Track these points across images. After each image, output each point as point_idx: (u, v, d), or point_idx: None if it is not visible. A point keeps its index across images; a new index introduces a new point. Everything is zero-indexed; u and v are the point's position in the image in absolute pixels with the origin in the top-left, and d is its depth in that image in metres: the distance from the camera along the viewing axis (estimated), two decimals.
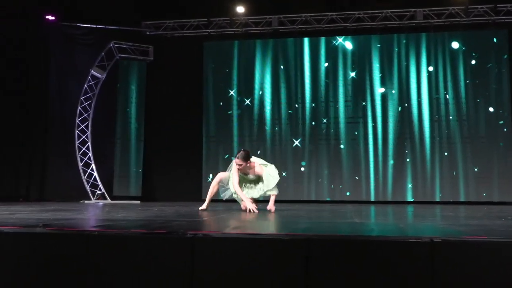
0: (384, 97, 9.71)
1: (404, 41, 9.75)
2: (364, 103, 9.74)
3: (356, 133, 9.71)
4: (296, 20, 10.19)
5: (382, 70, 9.76)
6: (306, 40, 10.04)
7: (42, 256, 2.91)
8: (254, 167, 5.79)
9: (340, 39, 9.90)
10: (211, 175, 9.82)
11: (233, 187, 5.81)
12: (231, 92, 10.11)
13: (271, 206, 5.78)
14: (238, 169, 5.73)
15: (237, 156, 5.73)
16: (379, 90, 9.72)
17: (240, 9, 10.13)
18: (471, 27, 9.71)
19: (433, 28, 9.78)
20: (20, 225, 3.47)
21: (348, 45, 9.87)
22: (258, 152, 9.87)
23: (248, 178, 5.94)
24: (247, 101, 10.06)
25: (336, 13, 10.01)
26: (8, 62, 9.86)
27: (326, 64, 9.91)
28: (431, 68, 9.63)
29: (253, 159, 5.88)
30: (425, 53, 9.68)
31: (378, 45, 9.81)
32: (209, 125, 10.04)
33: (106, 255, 2.83)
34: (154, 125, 10.25)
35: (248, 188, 6.02)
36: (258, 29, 10.35)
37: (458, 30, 9.68)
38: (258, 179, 5.92)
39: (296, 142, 9.82)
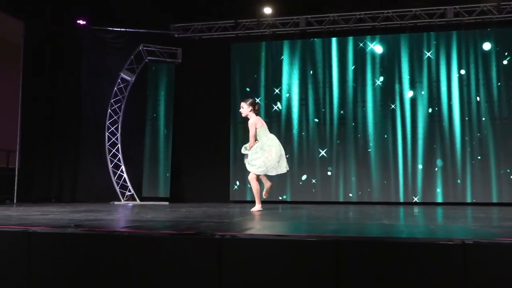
0: (413, 99, 9.52)
1: (435, 42, 9.55)
2: (393, 106, 9.58)
3: (385, 136, 9.57)
4: (324, 20, 10.12)
5: (411, 71, 9.58)
6: (334, 41, 9.94)
7: (73, 256, 2.96)
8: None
9: (371, 45, 9.75)
10: (237, 182, 9.82)
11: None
12: (259, 94, 10.10)
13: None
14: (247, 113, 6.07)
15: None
16: (408, 93, 9.52)
17: (268, 10, 10.12)
18: (504, 24, 9.47)
19: (464, 26, 9.57)
20: (53, 225, 3.54)
21: (378, 49, 9.74)
22: (287, 156, 9.83)
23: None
24: (274, 106, 10.00)
25: (364, 12, 9.90)
26: (43, 66, 10.13)
27: (354, 66, 9.80)
28: (462, 71, 9.40)
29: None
30: (455, 53, 9.45)
31: (407, 45, 9.63)
32: (237, 128, 10.03)
33: (135, 256, 2.86)
34: (182, 127, 10.34)
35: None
36: (285, 29, 10.32)
37: (490, 28, 9.44)
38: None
39: (323, 152, 9.75)
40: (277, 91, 10.04)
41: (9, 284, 3.02)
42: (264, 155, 5.85)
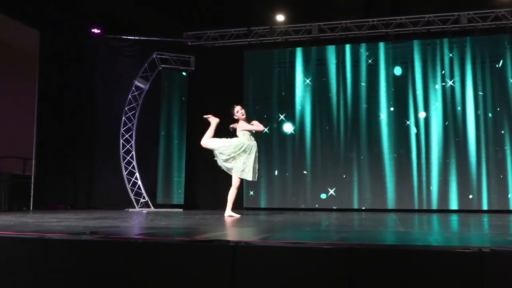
0: (428, 106, 9.45)
1: (447, 50, 9.50)
2: (407, 111, 9.52)
3: (399, 142, 9.50)
4: (336, 27, 10.13)
5: (425, 76, 9.53)
6: (347, 47, 9.94)
7: (89, 263, 2.98)
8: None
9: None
10: (251, 192, 9.80)
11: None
12: (271, 101, 10.11)
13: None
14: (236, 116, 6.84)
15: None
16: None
17: (280, 17, 10.16)
18: None
19: (478, 31, 9.51)
20: (68, 232, 3.57)
21: (392, 55, 9.71)
22: (304, 159, 9.83)
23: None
24: (287, 113, 10.02)
25: (377, 19, 9.89)
26: (58, 75, 10.26)
27: (367, 73, 9.77)
28: (478, 80, 9.32)
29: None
30: (469, 59, 9.40)
31: (421, 51, 9.59)
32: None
33: (149, 262, 2.87)
34: (196, 134, 10.31)
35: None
36: (298, 37, 10.34)
37: (505, 33, 9.37)
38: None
39: (336, 159, 9.72)
40: (289, 97, 10.04)
41: None
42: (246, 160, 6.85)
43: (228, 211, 6.63)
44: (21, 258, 3.11)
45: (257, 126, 6.72)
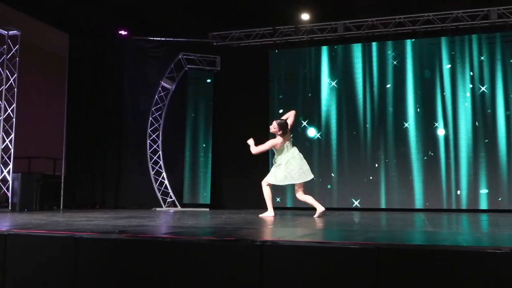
0: (457, 104, 9.28)
1: (476, 47, 9.30)
2: (437, 110, 9.38)
3: (427, 143, 9.36)
4: (362, 25, 10.04)
5: (453, 75, 9.34)
6: (374, 46, 9.81)
7: (118, 261, 3.04)
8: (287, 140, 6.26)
9: (410, 49, 9.58)
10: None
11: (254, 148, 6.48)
12: (297, 100, 10.07)
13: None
14: (276, 132, 6.25)
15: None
16: (451, 101, 9.29)
17: (305, 16, 10.12)
18: None
19: (508, 27, 9.30)
20: (98, 231, 3.63)
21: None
22: (331, 161, 9.78)
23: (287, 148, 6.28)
24: (313, 113, 9.95)
25: (404, 16, 9.76)
26: (86, 76, 10.48)
27: (394, 72, 9.64)
28: (507, 74, 9.11)
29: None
30: (500, 56, 9.19)
31: (449, 49, 9.41)
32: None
33: (177, 261, 2.91)
34: (221, 134, 10.43)
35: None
36: (323, 35, 10.29)
37: None
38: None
39: (363, 159, 9.63)
40: (315, 97, 9.99)
41: (56, 287, 3.12)
42: (286, 170, 6.22)
43: (270, 211, 6.47)
44: (53, 256, 3.19)
45: (290, 115, 6.45)
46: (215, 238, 3.12)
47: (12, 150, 8.35)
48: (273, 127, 6.32)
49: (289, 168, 6.18)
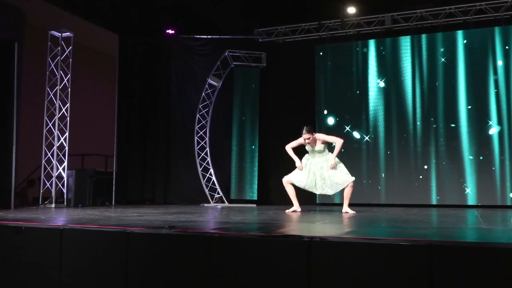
0: (511, 101, 8.88)
1: None
2: (489, 107, 9.01)
3: (480, 140, 9.03)
4: (411, 17, 9.78)
5: (507, 69, 8.91)
6: (423, 37, 9.55)
7: (168, 256, 3.10)
8: (319, 139, 6.56)
9: (462, 41, 9.25)
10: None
11: (287, 148, 6.89)
12: (345, 95, 9.94)
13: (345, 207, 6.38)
14: (308, 143, 6.56)
15: (304, 132, 6.52)
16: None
17: (351, 10, 9.97)
18: None
19: None
20: (148, 226, 3.72)
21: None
22: (375, 158, 9.60)
23: (315, 150, 6.60)
24: (360, 110, 9.80)
25: (455, 6, 9.45)
26: (135, 75, 10.73)
27: (444, 63, 9.34)
28: None
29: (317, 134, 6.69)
30: None
31: (504, 42, 8.96)
32: (321, 130, 9.93)
33: (225, 256, 2.94)
34: (268, 130, 10.43)
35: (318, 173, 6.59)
36: (370, 29, 10.10)
37: None
38: (324, 149, 6.61)
39: (412, 155, 9.40)
40: (363, 92, 9.83)
41: (108, 279, 3.21)
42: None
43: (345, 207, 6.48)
44: (105, 250, 3.29)
45: (336, 142, 6.56)
46: (264, 234, 3.13)
47: (66, 148, 8.67)
48: (308, 137, 6.59)
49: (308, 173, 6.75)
